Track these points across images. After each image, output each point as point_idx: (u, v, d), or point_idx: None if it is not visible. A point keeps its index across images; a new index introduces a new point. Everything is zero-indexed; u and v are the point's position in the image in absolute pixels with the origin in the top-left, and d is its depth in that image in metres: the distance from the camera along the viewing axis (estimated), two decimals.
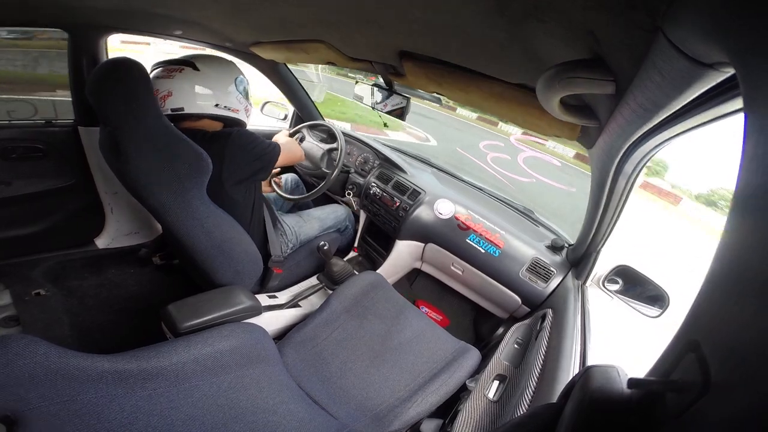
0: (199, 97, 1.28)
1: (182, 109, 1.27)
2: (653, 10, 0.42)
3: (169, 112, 1.26)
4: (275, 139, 1.78)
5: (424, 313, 1.46)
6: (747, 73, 0.31)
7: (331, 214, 1.95)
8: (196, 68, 1.27)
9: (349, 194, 2.04)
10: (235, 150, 1.28)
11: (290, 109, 2.39)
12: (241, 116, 1.40)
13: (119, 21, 1.47)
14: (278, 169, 1.99)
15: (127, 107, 1.06)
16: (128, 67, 1.06)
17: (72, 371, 0.76)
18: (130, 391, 0.83)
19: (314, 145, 2.02)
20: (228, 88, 1.33)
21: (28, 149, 1.54)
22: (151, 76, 1.28)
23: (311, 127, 2.12)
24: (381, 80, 1.58)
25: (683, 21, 0.38)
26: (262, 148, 1.36)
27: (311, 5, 0.97)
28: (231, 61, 1.40)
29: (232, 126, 1.39)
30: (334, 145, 1.94)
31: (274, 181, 2.00)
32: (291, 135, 2.00)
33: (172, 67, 1.27)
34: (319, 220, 1.86)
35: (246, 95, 1.42)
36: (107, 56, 1.56)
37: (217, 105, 1.31)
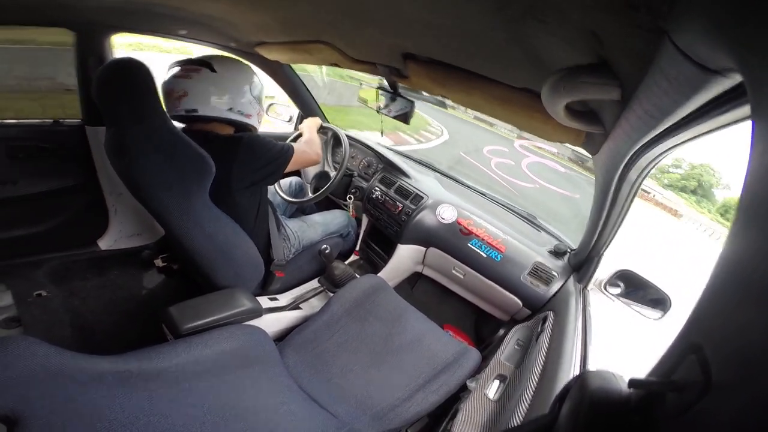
0: (214, 100, 1.27)
1: (196, 110, 1.26)
2: (655, 11, 0.41)
3: (183, 113, 1.26)
4: (304, 125, 1.78)
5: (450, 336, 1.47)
6: (754, 79, 0.31)
7: (334, 219, 1.95)
8: (213, 70, 1.26)
9: (350, 198, 2.04)
10: (247, 155, 1.27)
11: (295, 111, 2.39)
12: (253, 121, 1.39)
13: (124, 21, 1.48)
14: None
15: (131, 108, 1.06)
16: (132, 67, 1.06)
17: (72, 372, 0.76)
18: (131, 392, 0.83)
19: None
20: (243, 92, 1.32)
21: (35, 149, 1.54)
22: (167, 74, 1.28)
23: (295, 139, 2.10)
24: (385, 82, 1.59)
25: (688, 25, 0.38)
26: (274, 153, 1.34)
27: (315, 7, 0.98)
28: (247, 65, 1.39)
29: (243, 130, 1.38)
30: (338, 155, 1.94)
31: None
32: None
33: (189, 67, 1.25)
34: (322, 225, 1.86)
35: (260, 101, 1.41)
36: (113, 56, 1.57)
37: (230, 109, 1.30)
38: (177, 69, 1.27)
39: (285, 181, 2.13)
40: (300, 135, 1.83)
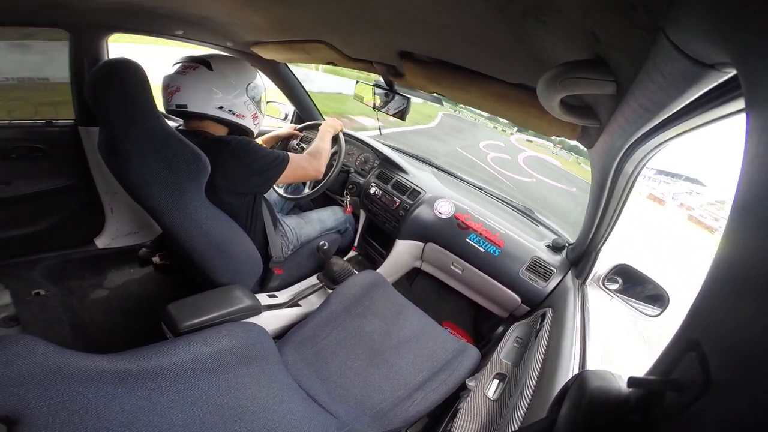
0: (205, 97, 1.26)
1: (186, 106, 1.26)
2: (654, 11, 0.42)
3: (174, 108, 1.26)
4: (323, 127, 1.70)
5: (449, 333, 1.47)
6: (748, 72, 0.31)
7: (331, 216, 1.95)
8: (210, 68, 1.26)
9: (347, 194, 2.03)
10: (231, 161, 1.24)
11: (290, 109, 2.39)
12: (246, 123, 1.37)
13: (120, 21, 1.48)
14: None
15: (125, 108, 1.05)
16: (126, 68, 1.05)
17: (72, 371, 0.76)
18: (130, 391, 0.83)
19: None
20: (237, 92, 1.31)
21: (28, 149, 1.54)
22: (169, 71, 1.28)
23: (310, 128, 2.10)
24: (381, 80, 1.58)
25: (684, 21, 0.38)
26: (263, 164, 1.29)
27: (312, 6, 0.97)
28: (250, 67, 1.38)
29: (238, 133, 1.37)
30: (334, 149, 1.93)
31: None
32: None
33: (188, 64, 1.26)
34: (319, 222, 1.86)
35: (257, 103, 1.39)
36: (108, 56, 1.56)
37: (221, 107, 1.29)
38: (178, 66, 1.28)
39: None
40: (315, 126, 1.77)
